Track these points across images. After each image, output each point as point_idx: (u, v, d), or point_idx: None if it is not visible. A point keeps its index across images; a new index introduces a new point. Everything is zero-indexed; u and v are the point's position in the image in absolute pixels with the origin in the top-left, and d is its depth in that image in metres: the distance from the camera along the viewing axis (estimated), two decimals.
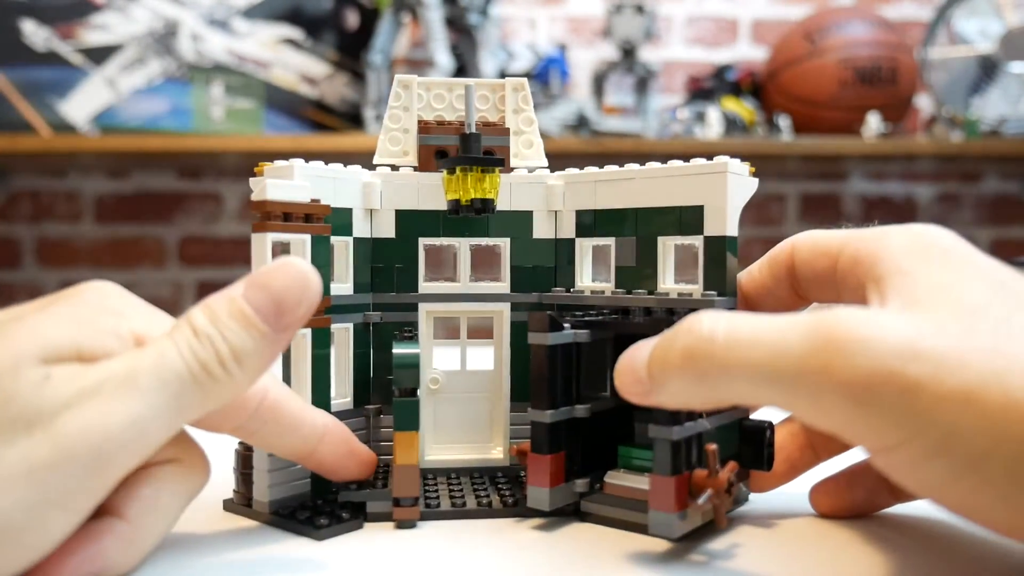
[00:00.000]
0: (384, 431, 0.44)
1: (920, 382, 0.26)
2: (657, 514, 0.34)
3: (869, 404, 0.27)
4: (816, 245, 0.36)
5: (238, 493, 0.41)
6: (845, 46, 1.69)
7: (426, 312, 0.45)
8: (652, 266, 0.42)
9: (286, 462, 0.39)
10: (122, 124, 1.65)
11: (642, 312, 0.41)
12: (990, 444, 0.26)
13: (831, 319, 0.28)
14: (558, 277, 0.46)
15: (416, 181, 0.45)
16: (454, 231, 0.45)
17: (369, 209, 0.45)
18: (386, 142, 0.45)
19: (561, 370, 0.39)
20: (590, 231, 0.45)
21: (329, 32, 1.74)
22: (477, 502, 0.40)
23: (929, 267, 0.30)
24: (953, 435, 0.26)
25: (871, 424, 0.27)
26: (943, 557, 0.35)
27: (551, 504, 0.38)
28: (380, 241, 0.45)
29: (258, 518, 0.39)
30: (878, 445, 0.28)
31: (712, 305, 0.39)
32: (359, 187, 0.44)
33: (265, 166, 0.41)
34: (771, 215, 2.00)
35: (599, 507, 0.39)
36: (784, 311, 0.34)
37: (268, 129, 1.69)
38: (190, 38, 1.68)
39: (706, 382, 0.30)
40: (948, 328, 0.28)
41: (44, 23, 1.64)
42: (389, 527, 0.38)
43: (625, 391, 0.33)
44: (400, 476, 0.38)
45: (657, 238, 0.42)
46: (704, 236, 0.40)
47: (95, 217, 1.91)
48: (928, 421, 0.26)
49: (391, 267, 0.45)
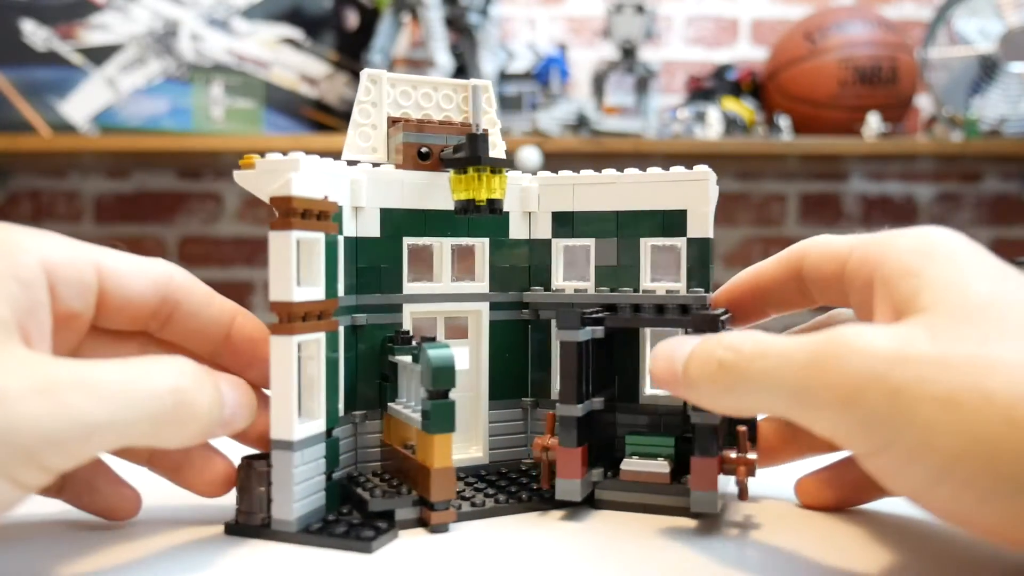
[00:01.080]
0: (370, 437, 0.44)
1: (903, 386, 0.27)
2: (699, 494, 0.38)
3: (855, 408, 0.28)
4: (827, 249, 0.37)
5: (250, 514, 0.37)
6: (845, 46, 1.69)
7: (410, 313, 0.45)
8: (634, 265, 0.44)
9: (310, 472, 0.37)
10: (122, 124, 1.65)
11: (630, 309, 0.43)
12: (966, 445, 0.26)
13: (832, 334, 0.30)
14: (532, 276, 0.47)
15: (400, 179, 0.44)
16: (437, 231, 0.45)
17: (355, 207, 0.44)
18: (356, 138, 0.44)
19: (585, 365, 0.41)
20: (567, 232, 0.46)
21: (329, 32, 1.74)
22: (494, 500, 0.41)
23: (935, 267, 0.31)
24: (932, 437, 0.27)
25: (857, 428, 0.28)
26: (943, 553, 0.36)
27: (582, 495, 0.40)
28: (365, 240, 0.44)
29: (280, 538, 0.36)
30: (864, 449, 0.29)
31: (703, 301, 0.42)
32: (347, 184, 0.43)
33: (254, 159, 0.39)
34: (771, 215, 2.00)
35: (615, 493, 0.41)
36: (789, 310, 0.39)
37: (268, 129, 1.69)
38: (190, 38, 1.68)
39: (734, 393, 0.32)
40: (940, 333, 0.28)
41: (44, 23, 1.64)
42: (419, 533, 0.38)
43: (657, 377, 0.36)
44: (438, 479, 0.37)
45: (640, 239, 0.43)
46: (688, 238, 0.42)
47: (95, 217, 1.92)
48: (908, 423, 0.27)
49: (376, 267, 0.44)
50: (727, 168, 1.94)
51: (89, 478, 0.38)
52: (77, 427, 0.28)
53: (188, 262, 1.92)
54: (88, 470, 0.37)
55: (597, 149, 1.62)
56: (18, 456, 0.27)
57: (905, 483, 0.29)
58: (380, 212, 0.44)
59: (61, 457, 0.28)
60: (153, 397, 0.30)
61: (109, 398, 0.29)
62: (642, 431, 0.43)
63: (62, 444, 0.28)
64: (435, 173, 0.44)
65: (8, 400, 0.27)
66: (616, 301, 0.43)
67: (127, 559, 0.34)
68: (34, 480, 0.28)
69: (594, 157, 1.65)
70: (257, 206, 1.94)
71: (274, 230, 0.36)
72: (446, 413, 0.38)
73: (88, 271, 0.34)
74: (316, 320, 0.38)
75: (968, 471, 0.26)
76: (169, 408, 0.30)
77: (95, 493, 0.38)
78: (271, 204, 0.37)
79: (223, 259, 1.94)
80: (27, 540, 0.37)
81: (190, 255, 1.93)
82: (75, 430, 0.28)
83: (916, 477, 0.28)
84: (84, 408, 0.28)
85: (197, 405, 0.31)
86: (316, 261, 0.38)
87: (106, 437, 0.29)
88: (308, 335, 0.37)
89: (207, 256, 1.93)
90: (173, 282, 0.37)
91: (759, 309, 0.42)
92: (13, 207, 1.91)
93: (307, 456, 0.37)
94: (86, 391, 0.28)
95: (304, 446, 0.37)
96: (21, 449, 0.27)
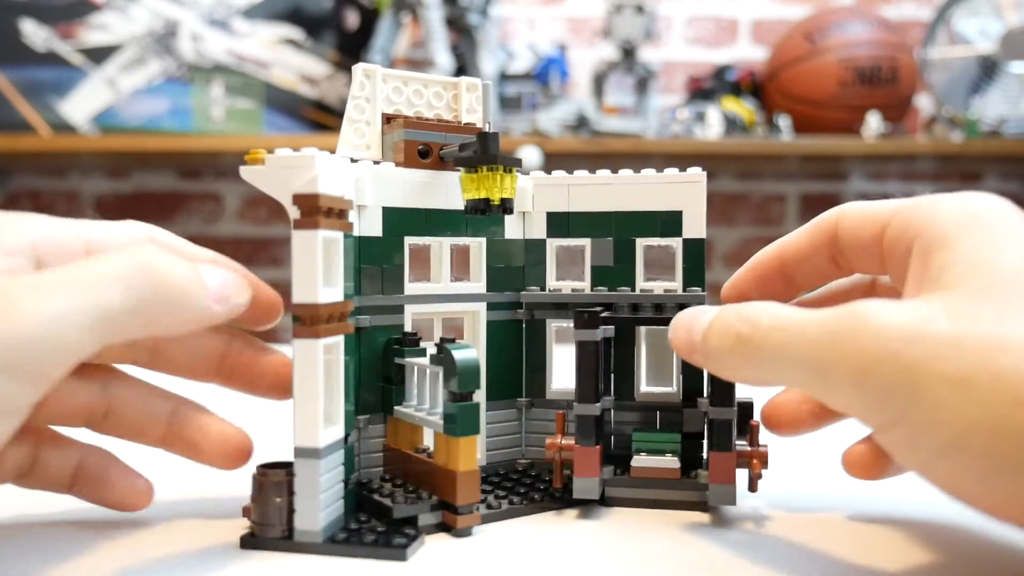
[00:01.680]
0: (373, 442, 0.43)
1: (916, 363, 0.27)
2: (718, 487, 0.39)
3: (869, 384, 0.28)
4: (866, 212, 0.37)
5: (267, 525, 0.35)
6: (845, 46, 1.69)
7: (411, 314, 0.44)
8: (630, 265, 0.44)
9: (333, 480, 0.36)
10: (122, 124, 1.65)
11: (629, 308, 0.43)
12: (973, 423, 0.27)
13: (850, 309, 0.30)
14: (527, 277, 0.47)
15: (403, 178, 0.43)
16: (438, 230, 0.44)
17: (359, 206, 0.42)
18: (351, 134, 0.44)
19: (601, 364, 0.41)
20: (563, 232, 0.46)
21: (329, 32, 1.74)
22: (508, 501, 0.40)
23: (969, 238, 0.31)
24: (939, 415, 0.27)
25: (870, 403, 0.29)
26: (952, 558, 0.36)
27: (600, 492, 0.40)
28: (367, 240, 0.42)
29: (305, 550, 0.35)
30: (877, 423, 0.30)
31: (701, 300, 0.42)
32: (353, 182, 0.42)
33: (262, 153, 0.38)
34: (771, 215, 2.00)
35: (627, 490, 0.42)
36: (818, 282, 0.39)
37: (268, 129, 1.69)
38: (190, 38, 1.68)
39: (750, 365, 0.33)
40: (958, 311, 0.28)
41: (44, 23, 1.64)
42: (442, 538, 0.37)
43: (676, 343, 0.36)
44: (464, 483, 0.37)
45: (635, 240, 0.44)
46: (683, 238, 0.43)
47: (95, 217, 1.91)
48: (918, 401, 0.27)
49: (379, 267, 0.43)
50: (727, 168, 1.95)
51: (101, 472, 0.38)
52: (73, 315, 0.29)
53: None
54: (99, 464, 0.38)
55: (597, 149, 1.62)
56: (27, 354, 0.28)
57: (913, 458, 0.29)
58: (383, 211, 0.43)
59: (59, 352, 0.29)
60: (124, 277, 0.31)
61: (91, 285, 0.30)
62: (645, 428, 0.43)
63: (61, 337, 0.29)
64: (435, 172, 0.44)
65: (10, 297, 0.28)
66: (614, 300, 0.44)
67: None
68: (43, 382, 0.29)
69: (594, 157, 1.65)
70: (257, 206, 1.94)
71: (299, 229, 0.35)
72: (471, 415, 0.37)
73: (74, 242, 0.35)
74: (337, 322, 0.37)
75: (973, 448, 0.27)
76: (145, 283, 0.31)
77: (108, 486, 0.38)
78: (295, 202, 0.35)
79: None
80: (35, 542, 0.37)
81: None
82: (71, 317, 0.29)
83: (923, 452, 0.28)
84: (71, 299, 0.29)
85: (172, 275, 0.32)
86: (336, 261, 0.37)
87: (104, 326, 0.30)
88: (331, 338, 0.36)
89: None
90: (155, 241, 0.38)
91: (786, 287, 0.41)
92: (13, 207, 1.90)
93: (331, 463, 0.36)
94: (66, 285, 0.30)
95: (328, 452, 0.36)
96: (28, 346, 0.28)
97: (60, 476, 0.37)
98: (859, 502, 0.42)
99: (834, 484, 0.43)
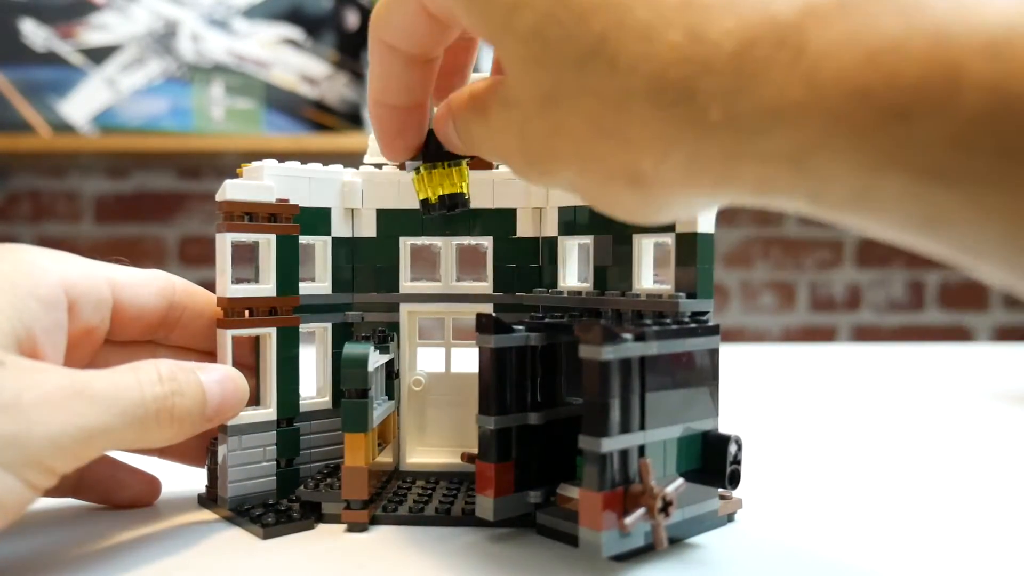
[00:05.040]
0: (328, 435, 0.44)
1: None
2: (585, 531, 0.31)
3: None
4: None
5: (208, 488, 0.41)
6: None
7: (408, 312, 0.44)
8: (628, 265, 0.40)
9: (250, 458, 0.40)
10: (122, 124, 1.65)
11: (590, 314, 0.40)
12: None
13: None
14: (543, 276, 0.44)
15: (397, 180, 0.44)
16: (437, 230, 0.44)
17: (350, 208, 0.45)
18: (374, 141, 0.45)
19: (513, 374, 0.36)
20: (574, 229, 0.43)
21: (329, 32, 1.74)
22: (435, 509, 0.39)
23: None
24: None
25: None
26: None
27: (496, 514, 0.36)
28: (361, 240, 0.45)
29: (221, 513, 0.40)
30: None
31: (677, 308, 0.36)
32: (338, 187, 0.44)
33: (245, 168, 0.42)
34: (771, 215, 1.99)
35: (551, 519, 0.37)
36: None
37: (268, 129, 1.69)
38: (190, 38, 1.68)
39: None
40: None
41: (44, 23, 1.64)
42: (341, 529, 0.38)
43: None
44: (348, 478, 0.37)
45: (632, 236, 0.39)
46: (676, 233, 0.38)
47: (95, 217, 1.92)
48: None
49: (372, 266, 0.45)
50: None
51: (111, 475, 0.40)
52: (80, 433, 0.29)
53: (188, 262, 1.92)
54: (109, 468, 0.40)
55: None
56: (31, 460, 0.29)
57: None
58: (376, 213, 0.45)
59: (65, 460, 0.30)
60: (137, 405, 0.31)
61: (103, 407, 0.30)
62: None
63: (67, 448, 0.29)
64: None
65: (22, 408, 0.28)
66: (595, 305, 0.40)
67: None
68: (43, 481, 0.29)
69: None
70: None
71: (216, 232, 0.40)
72: (359, 412, 0.37)
73: (103, 287, 0.37)
74: (266, 315, 0.41)
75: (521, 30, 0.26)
76: (152, 415, 0.32)
77: (121, 488, 0.40)
78: (217, 208, 0.40)
79: None
80: (41, 528, 0.37)
81: (190, 255, 1.93)
82: (78, 435, 0.29)
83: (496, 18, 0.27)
84: (85, 415, 0.30)
85: (178, 409, 0.33)
86: (269, 259, 0.41)
87: (102, 442, 0.31)
88: (253, 329, 0.40)
89: (207, 256, 1.93)
90: (176, 288, 0.40)
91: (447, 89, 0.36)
92: (13, 207, 1.91)
93: (246, 442, 0.40)
94: (84, 400, 0.30)
95: (246, 432, 0.40)
96: (33, 453, 0.28)
97: (64, 482, 0.38)
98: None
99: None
